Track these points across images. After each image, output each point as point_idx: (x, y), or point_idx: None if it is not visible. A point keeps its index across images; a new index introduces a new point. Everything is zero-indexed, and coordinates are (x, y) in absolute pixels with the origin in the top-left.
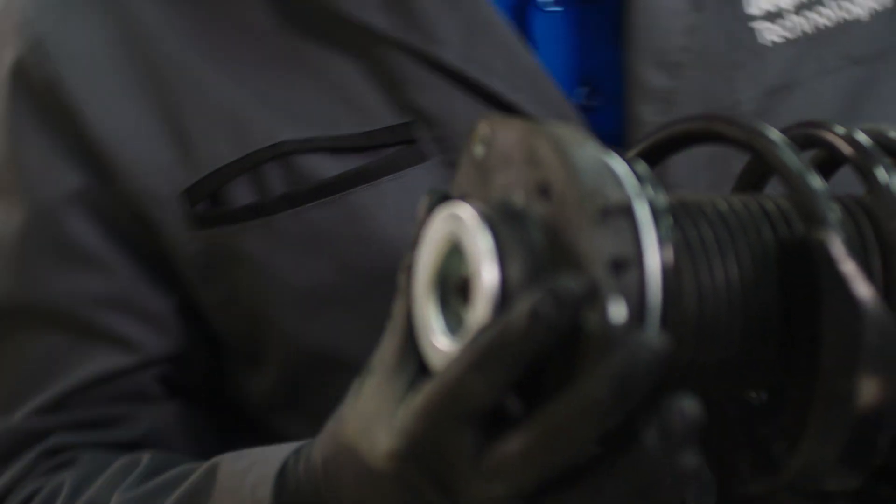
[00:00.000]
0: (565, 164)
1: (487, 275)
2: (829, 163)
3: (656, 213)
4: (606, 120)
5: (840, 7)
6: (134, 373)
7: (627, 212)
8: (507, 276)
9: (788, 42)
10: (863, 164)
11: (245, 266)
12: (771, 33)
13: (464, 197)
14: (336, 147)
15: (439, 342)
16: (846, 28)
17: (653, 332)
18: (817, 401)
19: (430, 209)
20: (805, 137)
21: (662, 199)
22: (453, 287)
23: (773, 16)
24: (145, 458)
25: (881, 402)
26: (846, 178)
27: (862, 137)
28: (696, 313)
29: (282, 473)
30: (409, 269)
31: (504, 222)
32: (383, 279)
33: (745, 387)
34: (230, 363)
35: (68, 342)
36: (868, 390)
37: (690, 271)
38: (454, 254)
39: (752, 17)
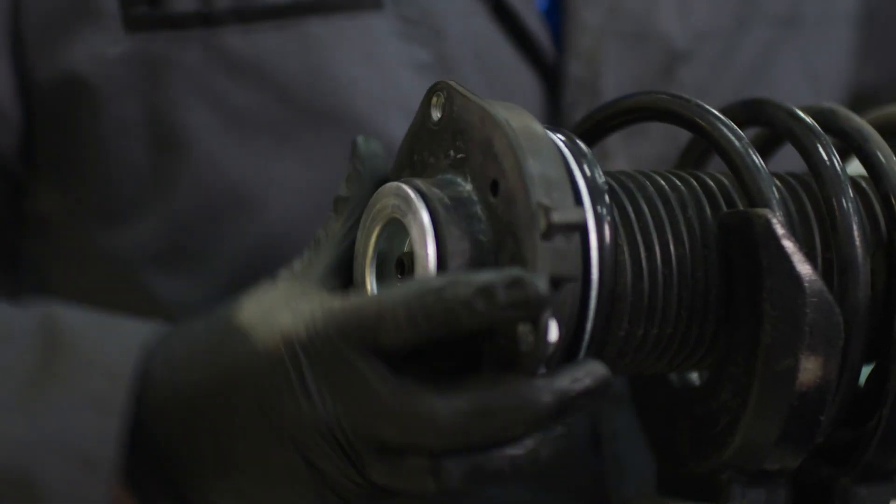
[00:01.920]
0: (518, 170)
1: (426, 259)
2: (771, 140)
3: (602, 234)
4: (552, 18)
5: None
6: None
7: (573, 231)
8: (448, 264)
9: None
10: (804, 141)
11: (176, 77)
12: None
13: (412, 163)
14: None
15: None
16: None
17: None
18: (758, 379)
19: (357, 148)
20: (747, 114)
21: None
22: (393, 261)
23: None
24: None
25: (822, 380)
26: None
27: (803, 115)
28: (634, 290)
29: (147, 351)
30: (343, 202)
31: (450, 209)
32: (324, 116)
33: (686, 364)
34: (106, 203)
35: None
36: (809, 368)
37: (627, 248)
38: (398, 229)
39: None
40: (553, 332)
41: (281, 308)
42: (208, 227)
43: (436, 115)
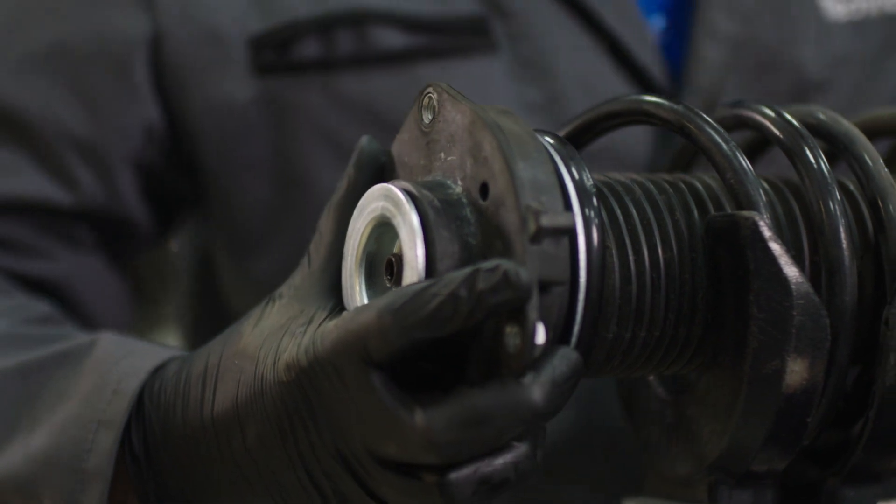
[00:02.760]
0: (507, 173)
1: (415, 261)
2: (759, 143)
3: (590, 236)
4: (673, 53)
5: None
6: (73, 218)
7: (562, 235)
8: (437, 267)
9: (852, 22)
10: (791, 145)
11: (298, 118)
12: (838, 10)
13: (402, 165)
14: (411, 23)
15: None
16: None
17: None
18: (745, 381)
19: (361, 153)
20: (735, 118)
21: (594, 206)
22: (382, 262)
23: None
24: (45, 306)
25: (808, 383)
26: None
27: (791, 119)
28: (622, 293)
29: (156, 373)
30: (336, 211)
31: (440, 212)
32: None
33: (674, 367)
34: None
35: (16, 154)
36: (795, 370)
37: (616, 250)
38: (387, 230)
39: None
40: (540, 335)
41: (281, 334)
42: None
43: (427, 117)
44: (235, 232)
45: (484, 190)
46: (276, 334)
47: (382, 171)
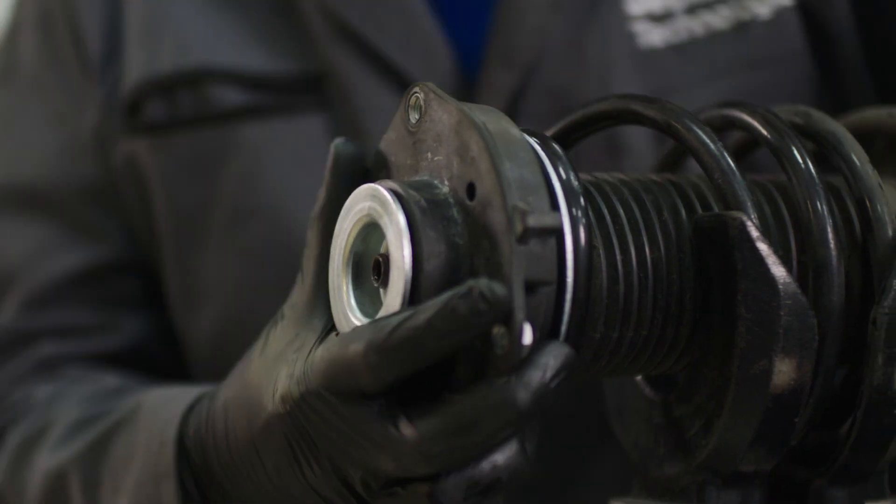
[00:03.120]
0: (494, 173)
1: (402, 261)
2: (747, 143)
3: (577, 236)
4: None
5: (741, 6)
6: (115, 273)
7: (549, 235)
8: (423, 267)
9: (671, 46)
10: (779, 145)
11: (150, 181)
12: (653, 35)
13: (389, 164)
14: (248, 80)
15: (351, 316)
16: (743, 29)
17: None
18: (732, 381)
19: (336, 159)
20: (723, 119)
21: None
22: (369, 263)
23: (659, 17)
24: (113, 379)
25: (796, 383)
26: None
27: (778, 119)
28: (609, 292)
29: (189, 414)
30: (319, 221)
31: (426, 212)
32: (256, 215)
33: (661, 367)
34: None
35: (55, 231)
36: (783, 370)
37: (603, 251)
38: (374, 231)
39: (632, 18)
40: (527, 336)
41: (279, 365)
42: (183, 317)
43: (413, 116)
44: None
45: (471, 190)
46: (277, 363)
47: (364, 171)
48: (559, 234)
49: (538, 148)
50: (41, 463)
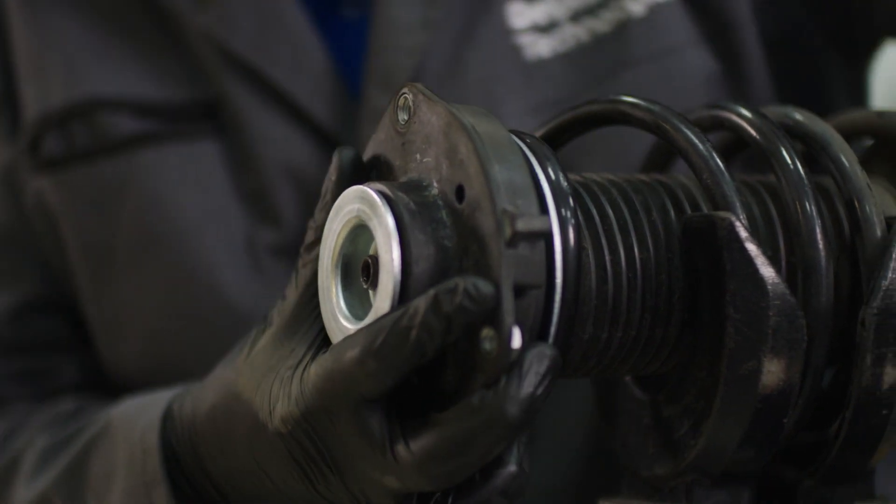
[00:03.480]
0: (484, 176)
1: (390, 264)
2: (736, 144)
3: (566, 237)
4: None
5: (619, 7)
6: (38, 314)
7: (538, 239)
8: (412, 269)
9: (559, 56)
10: (768, 146)
11: (60, 218)
12: (540, 46)
13: (379, 165)
14: (141, 107)
15: (340, 318)
16: (622, 29)
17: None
18: (721, 381)
19: (340, 167)
20: (712, 119)
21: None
22: (358, 264)
23: (544, 28)
24: (68, 403)
25: (785, 383)
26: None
27: (767, 120)
28: (598, 293)
29: (167, 417)
30: (316, 229)
31: (415, 214)
32: (159, 242)
33: (650, 367)
34: None
35: None
36: (772, 371)
37: (592, 251)
38: (363, 232)
39: (516, 31)
40: (516, 340)
41: (272, 377)
42: (108, 351)
43: (402, 117)
44: None
45: (460, 192)
46: (268, 377)
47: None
48: (548, 237)
49: (527, 150)
50: (19, 497)
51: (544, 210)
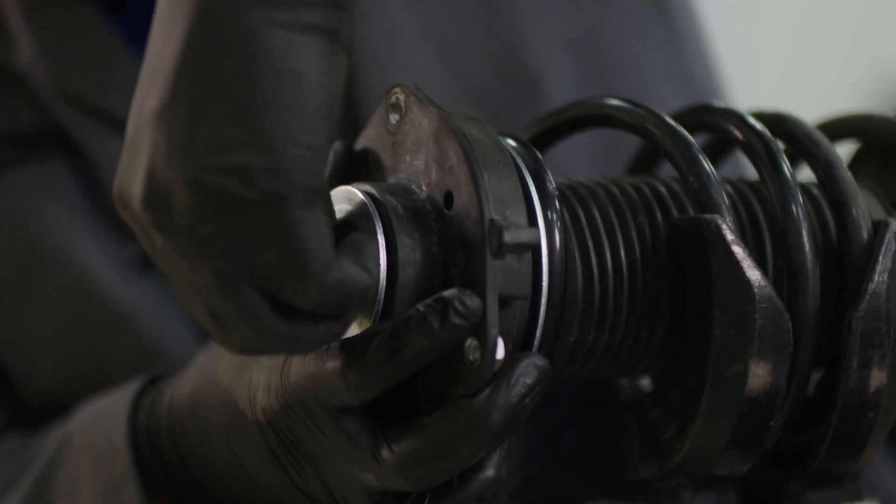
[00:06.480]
0: (472, 185)
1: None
2: (722, 146)
3: (552, 239)
4: None
5: None
6: None
7: (525, 251)
8: (398, 275)
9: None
10: (754, 147)
11: None
12: None
13: (368, 161)
14: None
15: None
16: None
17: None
18: (708, 384)
19: (336, 162)
20: (698, 121)
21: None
22: None
23: None
24: (11, 440)
25: (771, 386)
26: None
27: (754, 122)
28: (585, 296)
29: (136, 411)
30: None
31: (403, 219)
32: (36, 262)
33: (636, 370)
34: None
35: None
36: (758, 374)
37: (578, 254)
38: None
39: None
40: (500, 351)
41: (252, 369)
42: (21, 380)
43: (393, 117)
44: None
45: (448, 199)
46: (248, 366)
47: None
48: (536, 249)
49: (515, 154)
50: None
51: (532, 220)
